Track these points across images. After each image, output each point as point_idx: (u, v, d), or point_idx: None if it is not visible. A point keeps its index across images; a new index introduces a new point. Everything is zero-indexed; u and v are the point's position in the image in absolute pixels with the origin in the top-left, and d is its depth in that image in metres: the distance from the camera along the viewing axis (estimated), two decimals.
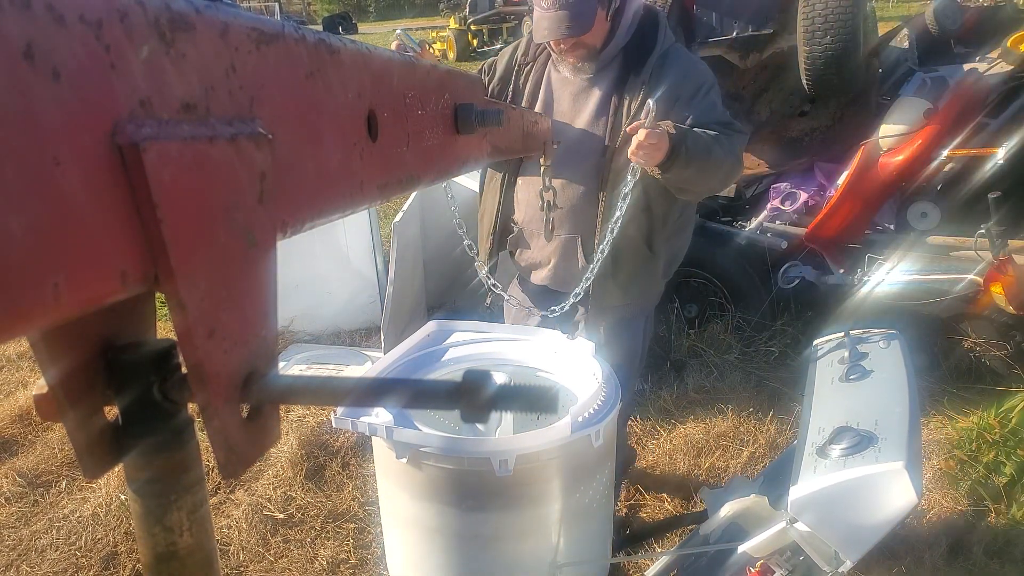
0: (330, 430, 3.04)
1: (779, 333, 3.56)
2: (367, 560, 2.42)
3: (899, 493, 1.35)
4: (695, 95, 1.92)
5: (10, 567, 2.43)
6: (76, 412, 0.45)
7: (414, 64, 0.65)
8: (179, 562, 0.50)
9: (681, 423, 3.08)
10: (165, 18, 0.36)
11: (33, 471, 2.92)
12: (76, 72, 0.31)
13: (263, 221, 0.44)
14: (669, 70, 1.92)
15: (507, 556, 1.74)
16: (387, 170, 0.60)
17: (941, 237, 3.16)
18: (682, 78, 1.92)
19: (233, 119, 0.41)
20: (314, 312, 4.04)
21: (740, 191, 3.86)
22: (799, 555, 1.51)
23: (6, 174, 0.28)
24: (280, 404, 0.47)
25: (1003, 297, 2.82)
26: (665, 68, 1.93)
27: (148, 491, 0.49)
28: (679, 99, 1.91)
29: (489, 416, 0.45)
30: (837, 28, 3.09)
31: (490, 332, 2.12)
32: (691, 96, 1.92)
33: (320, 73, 0.49)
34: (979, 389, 3.03)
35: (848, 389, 1.71)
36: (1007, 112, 3.19)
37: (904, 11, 15.88)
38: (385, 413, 1.64)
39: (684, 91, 1.91)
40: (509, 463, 1.57)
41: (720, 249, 3.62)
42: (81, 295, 0.32)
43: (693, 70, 1.96)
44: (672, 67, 1.93)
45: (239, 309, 0.42)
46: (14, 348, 3.95)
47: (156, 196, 0.35)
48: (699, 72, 1.97)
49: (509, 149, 1.13)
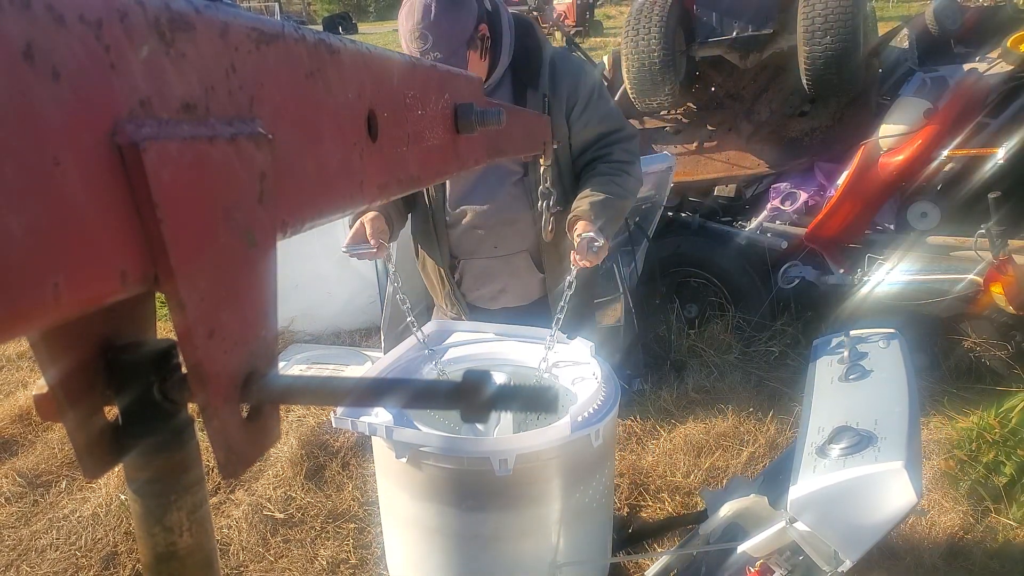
0: (330, 430, 3.04)
1: (779, 333, 3.56)
2: (367, 560, 2.42)
3: (899, 493, 1.35)
4: (590, 99, 1.94)
5: (10, 567, 2.43)
6: (76, 412, 0.45)
7: (414, 64, 0.65)
8: (179, 562, 0.50)
9: (681, 423, 3.08)
10: (165, 18, 0.36)
11: (33, 471, 2.92)
12: (76, 72, 0.31)
13: (263, 221, 0.44)
14: (562, 79, 1.93)
15: (507, 556, 1.74)
16: (387, 170, 0.60)
17: (941, 237, 3.16)
18: (576, 84, 1.93)
19: (233, 119, 0.41)
20: (314, 312, 4.04)
21: (740, 191, 3.86)
22: (799, 555, 1.51)
23: (6, 174, 0.28)
24: (280, 404, 0.47)
25: (1003, 297, 2.82)
26: (557, 77, 1.93)
27: (148, 491, 0.49)
28: (576, 105, 1.93)
29: (489, 416, 0.45)
30: (837, 28, 3.10)
31: (490, 332, 2.12)
32: (587, 101, 1.93)
33: (320, 73, 0.49)
34: (979, 389, 3.03)
35: (848, 389, 1.71)
36: (1007, 112, 3.19)
37: (904, 11, 15.89)
38: (385, 413, 1.65)
39: (580, 96, 1.93)
40: (509, 463, 1.57)
41: (720, 249, 3.62)
42: (81, 295, 0.32)
43: (583, 74, 1.96)
44: (564, 75, 1.93)
45: (239, 309, 0.42)
46: (14, 348, 3.95)
47: (156, 196, 0.35)
48: (588, 74, 1.98)
49: (509, 149, 1.13)
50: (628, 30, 3.52)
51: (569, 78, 1.92)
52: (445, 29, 1.70)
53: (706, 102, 4.00)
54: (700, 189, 3.90)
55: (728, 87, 3.93)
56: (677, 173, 3.50)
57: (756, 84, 3.84)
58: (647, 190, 3.40)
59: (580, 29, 18.60)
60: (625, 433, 3.03)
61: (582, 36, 17.89)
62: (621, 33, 3.63)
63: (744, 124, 3.81)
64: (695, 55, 3.71)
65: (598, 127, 1.96)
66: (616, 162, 1.95)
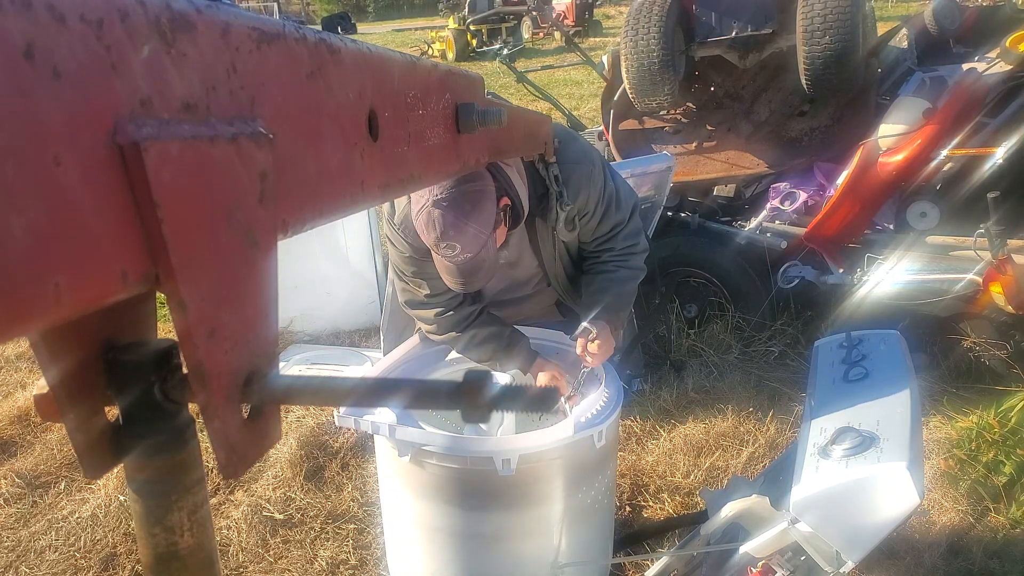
0: (330, 431, 3.04)
1: (779, 333, 3.56)
2: (367, 561, 2.41)
3: (901, 493, 1.35)
4: (595, 209, 1.91)
5: (9, 568, 2.42)
6: (76, 412, 0.45)
7: (415, 64, 0.65)
8: (179, 563, 0.50)
9: (681, 423, 3.08)
10: (166, 18, 0.36)
11: (32, 472, 2.92)
12: (76, 72, 0.31)
13: (263, 221, 0.44)
14: (574, 196, 1.86)
15: (509, 556, 1.74)
16: (388, 170, 0.60)
17: (940, 237, 3.16)
18: (587, 200, 1.88)
19: (234, 119, 0.41)
20: (314, 312, 4.04)
21: (739, 191, 3.86)
22: (800, 555, 1.51)
23: (6, 174, 0.28)
24: (281, 404, 0.47)
25: (1002, 297, 2.82)
26: (568, 193, 1.87)
27: (148, 491, 0.49)
28: (586, 215, 1.91)
29: (490, 416, 0.45)
30: (836, 28, 3.09)
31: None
32: (593, 211, 1.91)
33: (321, 73, 0.49)
34: (979, 389, 3.03)
35: (849, 389, 1.71)
36: (1006, 112, 3.19)
37: (903, 11, 15.91)
38: (388, 412, 1.64)
39: (591, 210, 1.90)
40: (512, 463, 1.57)
41: (720, 249, 3.61)
42: (81, 295, 0.32)
43: (587, 186, 1.87)
44: (574, 191, 1.86)
45: (239, 309, 0.42)
46: (14, 348, 3.95)
47: (157, 196, 0.35)
48: (592, 184, 1.88)
49: (511, 149, 1.12)
50: (627, 30, 3.52)
51: (576, 200, 1.86)
52: (472, 232, 1.59)
53: (705, 102, 4.00)
54: (699, 189, 3.90)
55: (727, 87, 3.93)
56: (676, 173, 3.50)
57: (755, 84, 3.84)
58: (647, 190, 3.40)
59: (579, 29, 18.61)
60: (625, 433, 3.03)
61: (581, 36, 17.91)
62: (620, 33, 3.62)
63: (743, 124, 3.82)
64: (694, 55, 3.71)
65: (606, 226, 1.97)
66: (620, 252, 2.00)
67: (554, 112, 5.43)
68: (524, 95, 7.20)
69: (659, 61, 3.43)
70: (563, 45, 10.49)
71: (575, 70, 12.60)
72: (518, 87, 5.87)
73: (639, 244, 2.03)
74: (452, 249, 1.60)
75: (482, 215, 1.59)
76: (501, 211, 1.69)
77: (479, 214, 1.59)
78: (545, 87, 6.65)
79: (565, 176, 1.81)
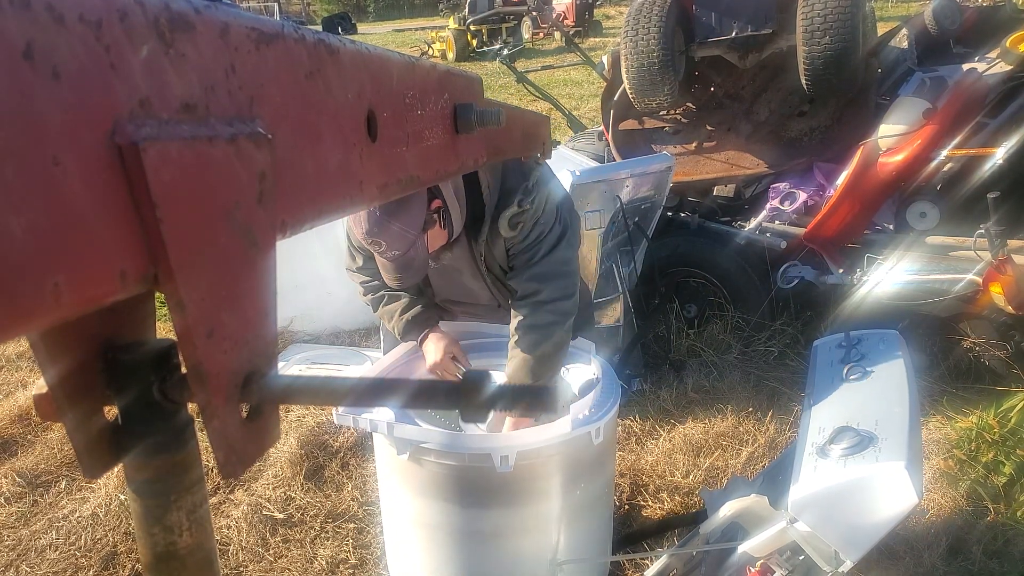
0: (329, 430, 3.04)
1: (778, 333, 3.56)
2: (367, 560, 2.42)
3: (899, 493, 1.35)
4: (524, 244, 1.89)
5: (9, 567, 2.43)
6: (76, 412, 0.45)
7: (414, 64, 0.65)
8: (179, 562, 0.50)
9: (680, 423, 3.08)
10: (165, 18, 0.36)
11: (32, 471, 2.92)
12: (76, 72, 0.31)
13: (263, 221, 0.44)
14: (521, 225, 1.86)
15: (507, 553, 1.74)
16: (387, 170, 0.60)
17: (940, 237, 3.15)
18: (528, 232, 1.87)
19: (233, 119, 0.41)
20: (314, 312, 4.03)
21: (739, 191, 3.86)
22: (799, 555, 1.51)
23: (6, 174, 0.28)
24: (280, 404, 0.47)
25: (1002, 297, 2.82)
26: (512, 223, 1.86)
27: (148, 491, 0.49)
28: (511, 248, 1.91)
29: (489, 416, 0.45)
30: (836, 28, 3.10)
31: (490, 332, 2.12)
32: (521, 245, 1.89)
33: (320, 73, 0.49)
34: (978, 389, 3.03)
35: (848, 389, 1.71)
36: (1006, 112, 3.19)
37: (904, 11, 15.90)
38: (386, 410, 1.65)
39: (517, 240, 1.88)
40: (510, 459, 1.57)
41: (719, 249, 3.62)
42: (81, 295, 0.32)
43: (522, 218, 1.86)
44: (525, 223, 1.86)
45: (239, 309, 0.42)
46: (14, 348, 3.95)
47: (156, 196, 0.35)
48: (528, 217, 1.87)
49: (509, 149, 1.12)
50: (627, 30, 3.52)
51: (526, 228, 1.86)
52: (396, 231, 1.65)
53: (705, 102, 4.00)
54: (699, 189, 3.90)
55: (727, 87, 3.93)
56: (676, 173, 3.50)
57: (755, 84, 3.85)
58: (647, 190, 3.40)
59: (579, 29, 18.62)
60: (624, 433, 3.03)
61: (581, 36, 17.91)
62: (620, 33, 3.63)
63: (743, 124, 3.82)
64: (694, 55, 3.71)
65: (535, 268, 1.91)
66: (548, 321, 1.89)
67: (554, 112, 5.43)
68: (524, 95, 7.19)
69: (659, 61, 3.43)
70: (563, 45, 10.50)
71: (575, 70, 12.59)
72: (518, 87, 5.87)
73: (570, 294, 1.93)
74: (379, 245, 1.69)
75: (408, 215, 1.66)
76: (434, 213, 1.74)
77: (404, 214, 1.65)
78: (545, 87, 6.64)
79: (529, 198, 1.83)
